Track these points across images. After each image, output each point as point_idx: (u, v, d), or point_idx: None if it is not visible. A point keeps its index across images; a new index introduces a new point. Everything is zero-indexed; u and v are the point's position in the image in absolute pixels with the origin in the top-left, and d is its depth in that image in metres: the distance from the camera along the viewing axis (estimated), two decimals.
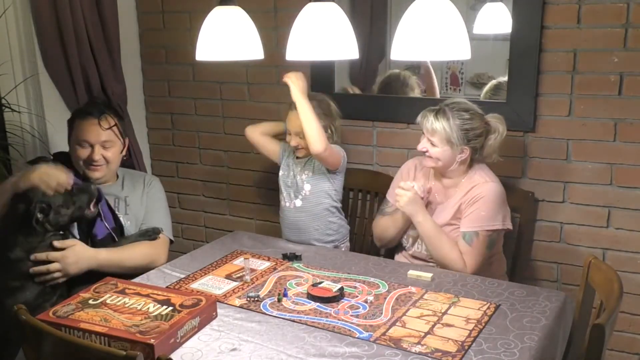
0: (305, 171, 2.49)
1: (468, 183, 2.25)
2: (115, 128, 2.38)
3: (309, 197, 2.49)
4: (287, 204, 2.53)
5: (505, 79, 2.55)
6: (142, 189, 2.49)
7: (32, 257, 2.08)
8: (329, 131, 2.46)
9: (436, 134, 2.18)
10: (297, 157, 2.54)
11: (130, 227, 2.41)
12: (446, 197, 2.29)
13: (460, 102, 2.23)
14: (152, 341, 1.57)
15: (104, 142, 2.36)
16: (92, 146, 2.34)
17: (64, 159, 2.41)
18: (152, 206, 2.48)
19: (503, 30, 2.43)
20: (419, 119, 2.24)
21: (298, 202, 2.50)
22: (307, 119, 2.32)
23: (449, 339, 1.71)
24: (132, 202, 2.45)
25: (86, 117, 2.36)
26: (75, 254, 2.13)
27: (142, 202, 2.47)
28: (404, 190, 2.23)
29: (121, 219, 2.39)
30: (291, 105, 2.43)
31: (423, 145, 2.24)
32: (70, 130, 2.41)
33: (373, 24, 2.87)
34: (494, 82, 2.66)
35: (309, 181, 2.48)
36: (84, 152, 2.35)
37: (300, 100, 2.33)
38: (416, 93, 2.79)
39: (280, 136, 2.63)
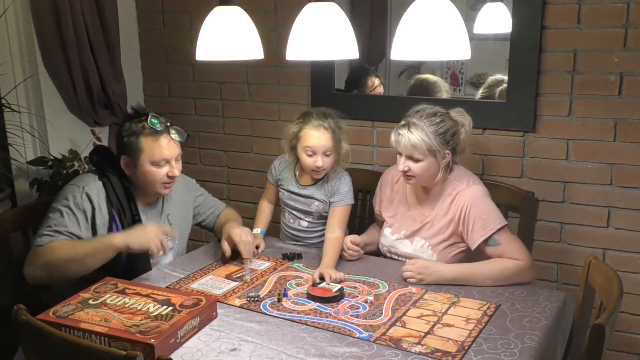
0: (316, 201, 2.39)
1: (450, 190, 2.16)
2: None
3: (316, 220, 2.43)
4: (292, 222, 2.46)
5: (496, 77, 2.56)
6: (188, 197, 2.40)
7: None
8: (338, 152, 2.31)
9: (417, 148, 2.07)
10: (313, 179, 2.39)
11: (177, 243, 2.33)
12: (431, 209, 2.20)
13: (425, 108, 2.14)
14: (152, 341, 1.57)
15: (178, 155, 2.19)
16: (168, 162, 2.15)
17: (105, 156, 2.24)
18: (205, 198, 2.49)
19: (503, 30, 2.43)
20: (392, 138, 2.13)
21: (304, 223, 2.44)
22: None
23: (449, 339, 1.71)
24: (173, 217, 2.32)
25: (158, 134, 2.11)
26: None
27: (188, 207, 2.40)
28: (353, 252, 2.25)
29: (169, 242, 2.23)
30: (307, 122, 2.28)
31: (404, 164, 2.12)
32: (131, 152, 2.13)
33: (373, 24, 2.87)
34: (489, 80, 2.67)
35: (318, 209, 2.40)
36: (161, 171, 2.13)
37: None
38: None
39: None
